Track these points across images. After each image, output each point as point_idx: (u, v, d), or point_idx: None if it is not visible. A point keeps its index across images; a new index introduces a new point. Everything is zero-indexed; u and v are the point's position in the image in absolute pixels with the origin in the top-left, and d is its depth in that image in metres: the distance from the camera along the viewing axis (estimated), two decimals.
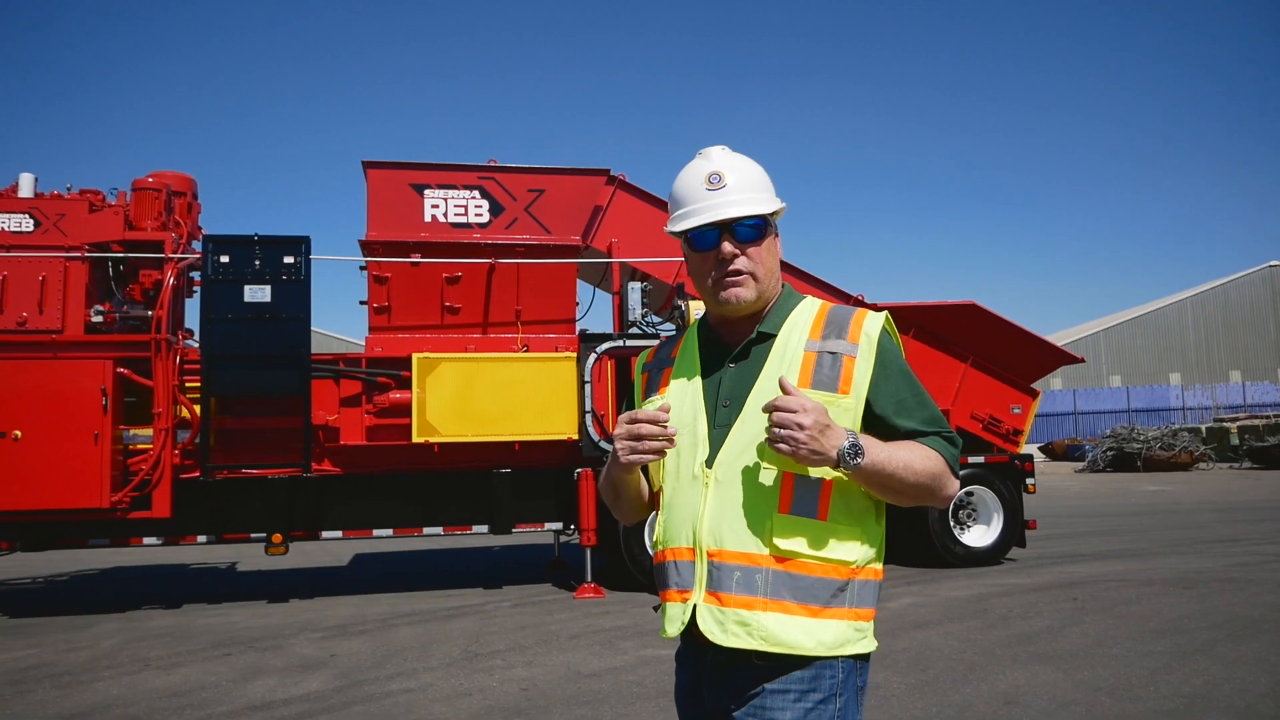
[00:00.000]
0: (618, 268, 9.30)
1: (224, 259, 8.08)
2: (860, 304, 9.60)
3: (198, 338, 8.54)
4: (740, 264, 1.78)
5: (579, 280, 9.31)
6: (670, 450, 1.80)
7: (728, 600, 1.68)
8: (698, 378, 1.85)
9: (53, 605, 8.79)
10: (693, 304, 8.44)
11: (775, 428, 1.60)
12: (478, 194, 8.84)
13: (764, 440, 1.67)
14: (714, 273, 1.79)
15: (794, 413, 1.59)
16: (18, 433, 7.67)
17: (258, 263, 8.12)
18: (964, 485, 9.61)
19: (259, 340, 8.04)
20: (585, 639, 6.63)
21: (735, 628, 1.66)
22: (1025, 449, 10.31)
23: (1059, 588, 8.08)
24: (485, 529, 8.73)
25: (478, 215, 8.82)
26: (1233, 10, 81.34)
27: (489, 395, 8.48)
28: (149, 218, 8.50)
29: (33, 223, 8.04)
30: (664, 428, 1.73)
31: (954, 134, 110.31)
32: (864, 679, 1.74)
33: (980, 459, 9.76)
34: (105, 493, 7.74)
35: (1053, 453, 32.34)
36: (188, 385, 8.19)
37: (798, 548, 1.67)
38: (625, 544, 8.43)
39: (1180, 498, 18.00)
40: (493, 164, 8.94)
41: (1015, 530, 9.65)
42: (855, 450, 1.62)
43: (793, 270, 9.66)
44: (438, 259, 8.66)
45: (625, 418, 1.76)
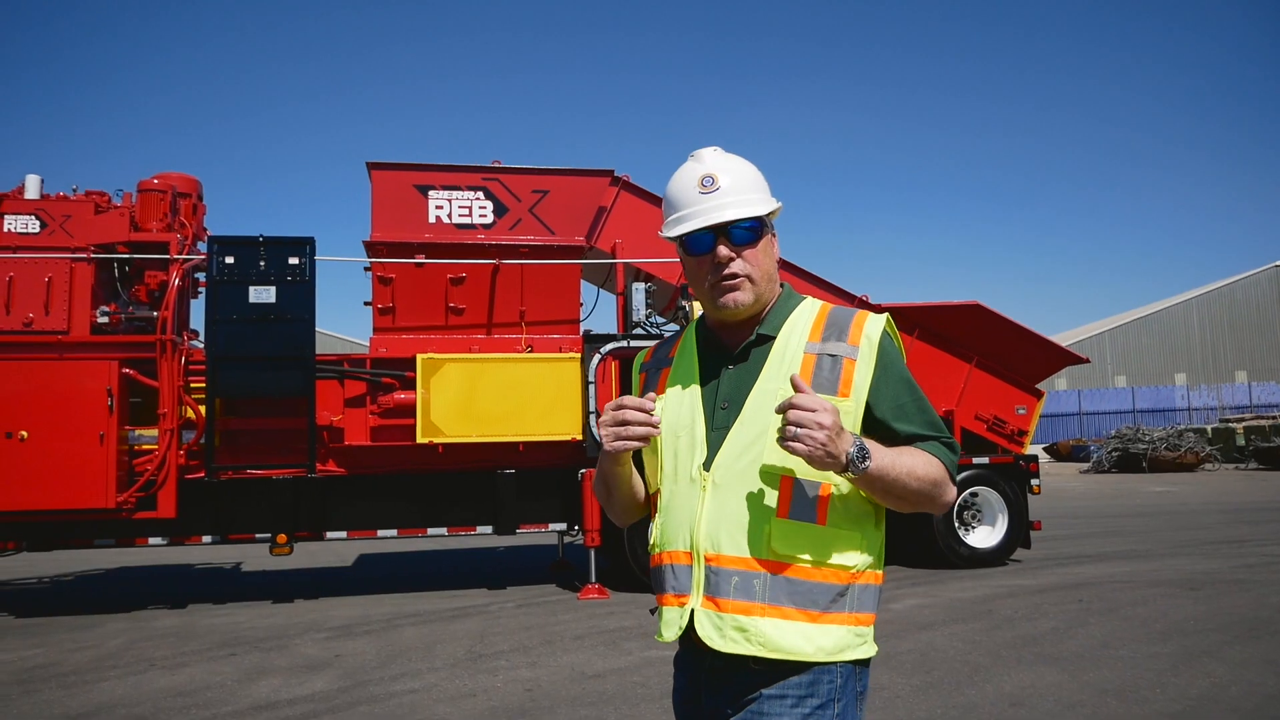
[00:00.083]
0: (622, 268, 9.31)
1: (229, 260, 8.11)
2: (865, 305, 9.59)
3: (203, 338, 8.56)
4: (736, 267, 1.75)
5: (583, 281, 9.32)
6: (668, 452, 1.78)
7: (725, 605, 1.65)
8: (696, 379, 1.82)
9: (58, 605, 8.82)
10: (697, 305, 8.43)
11: (792, 426, 1.54)
12: (482, 195, 8.85)
13: (761, 444, 1.65)
14: (710, 277, 1.77)
15: (814, 411, 1.54)
16: (24, 433, 7.69)
17: (263, 264, 8.14)
18: (969, 486, 9.59)
19: (264, 341, 8.06)
20: (589, 640, 6.64)
21: (733, 633, 1.64)
22: (1030, 450, 10.28)
23: (1064, 589, 8.06)
24: (489, 530, 8.74)
25: (482, 216, 8.83)
26: (1238, 10, 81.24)
27: (493, 396, 8.49)
28: (154, 219, 8.53)
29: (39, 224, 8.07)
30: (649, 415, 1.68)
31: (958, 134, 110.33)
32: (864, 684, 1.72)
33: (985, 460, 9.73)
34: (111, 493, 7.77)
35: (1057, 453, 32.26)
36: (193, 386, 8.23)
37: (796, 552, 1.65)
38: (629, 545, 8.43)
39: (1186, 499, 17.95)
40: (497, 165, 8.96)
41: (1020, 531, 9.62)
42: (862, 454, 1.58)
43: (797, 271, 9.64)
44: (442, 260, 8.67)
45: (611, 404, 1.72)
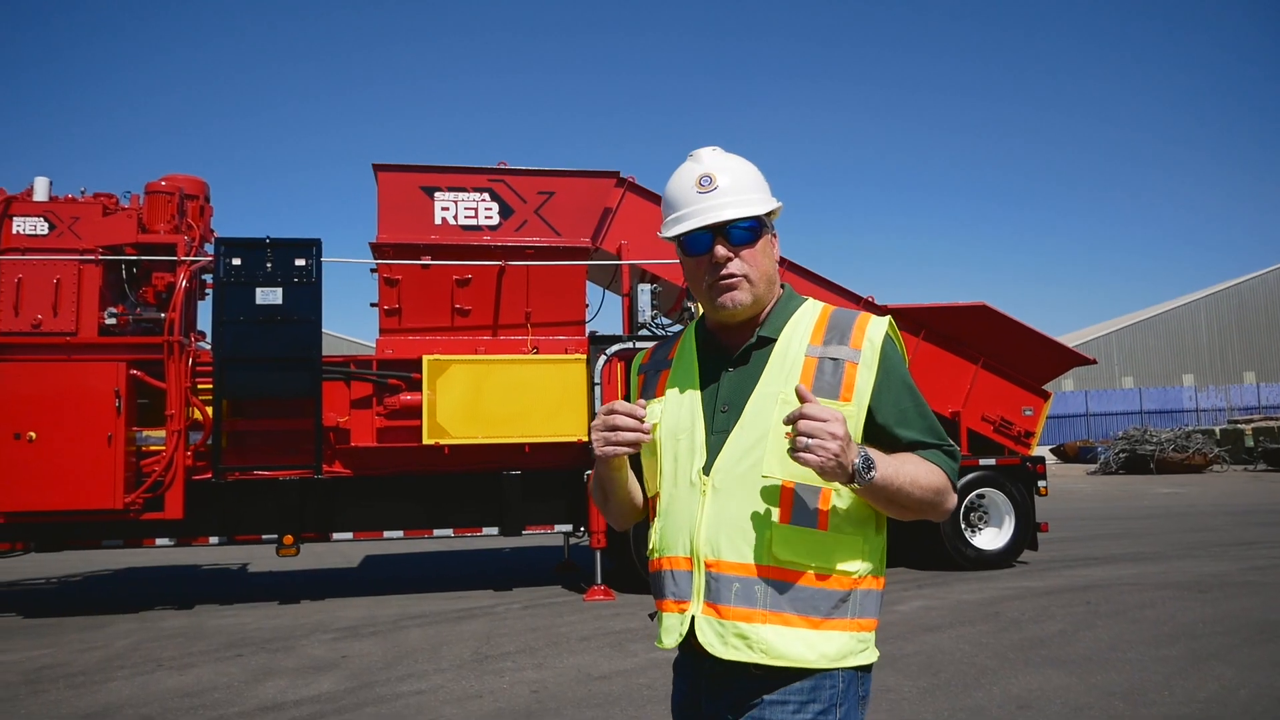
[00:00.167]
0: (627, 270, 9.31)
1: (236, 261, 8.13)
2: (870, 306, 9.57)
3: (210, 340, 8.58)
4: (734, 267, 1.72)
5: (589, 282, 9.31)
6: (667, 455, 1.76)
7: (726, 612, 1.64)
8: (695, 381, 1.80)
9: (67, 605, 8.85)
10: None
11: (803, 436, 1.52)
12: (487, 196, 8.86)
13: (761, 448, 1.64)
14: (708, 277, 1.74)
15: (825, 421, 1.52)
16: (32, 434, 7.72)
17: (269, 265, 8.16)
18: (975, 487, 9.57)
19: (271, 342, 8.08)
20: (595, 641, 6.63)
21: (735, 640, 1.63)
22: (1037, 451, 10.24)
23: (1071, 591, 8.04)
24: (495, 531, 8.75)
25: (488, 217, 8.84)
26: (1246, 11, 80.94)
27: (499, 397, 8.50)
28: (162, 221, 8.57)
29: (47, 226, 8.11)
30: (640, 421, 1.67)
31: (964, 135, 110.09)
32: (865, 689, 1.70)
33: (991, 461, 9.71)
34: (118, 494, 7.79)
35: (1064, 455, 32.18)
36: (200, 387, 8.25)
37: (798, 558, 1.63)
38: (635, 546, 8.42)
39: (1194, 500, 17.87)
40: (503, 166, 8.98)
41: (1027, 533, 9.60)
42: (868, 465, 1.56)
43: (801, 272, 9.64)
44: (448, 261, 8.68)
45: (603, 409, 1.70)
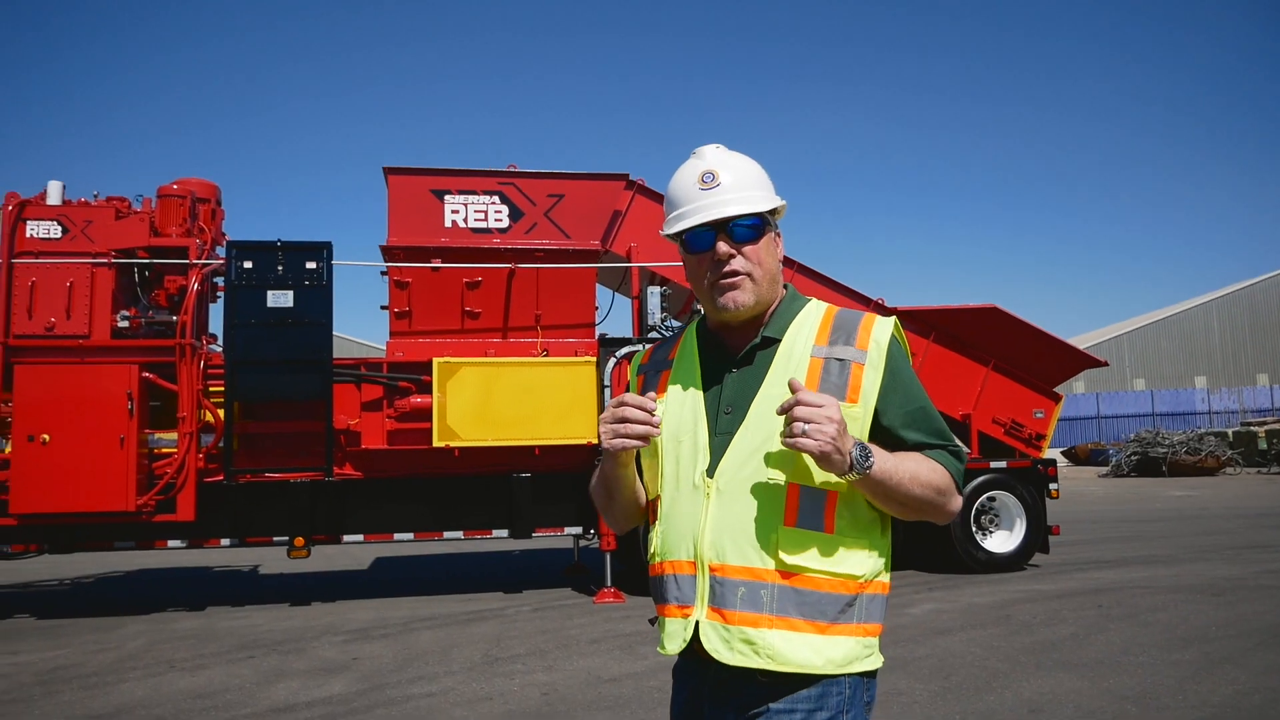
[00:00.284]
0: (637, 272, 9.31)
1: (247, 264, 8.18)
2: (881, 308, 9.55)
3: (221, 342, 8.63)
4: (737, 264, 1.70)
5: (598, 285, 9.33)
6: (668, 458, 1.74)
7: (732, 617, 1.61)
8: (698, 383, 1.76)
9: (79, 607, 8.89)
10: None
11: (800, 421, 1.50)
12: (497, 199, 8.88)
13: (766, 450, 1.61)
14: (710, 275, 1.72)
15: (820, 406, 1.51)
16: (46, 436, 7.77)
17: (280, 268, 8.20)
18: (986, 490, 9.53)
19: (282, 345, 8.12)
20: (605, 644, 6.63)
21: (741, 646, 1.60)
22: (1048, 453, 10.21)
23: (1083, 594, 8.00)
24: (505, 533, 8.76)
25: (497, 220, 8.86)
26: (1258, 13, 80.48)
27: (509, 400, 8.51)
28: (174, 224, 8.61)
29: (61, 229, 8.16)
30: (650, 415, 1.64)
31: (975, 137, 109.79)
32: (871, 694, 1.68)
33: (1002, 464, 9.67)
34: (131, 496, 7.84)
35: (1076, 457, 32.06)
36: (212, 390, 8.30)
37: (804, 562, 1.60)
38: (644, 548, 8.41)
39: (1207, 503, 17.76)
40: (512, 169, 9.00)
41: (1038, 536, 9.55)
42: (865, 454, 1.55)
43: (811, 274, 9.63)
44: (458, 264, 8.71)
45: (613, 401, 1.68)
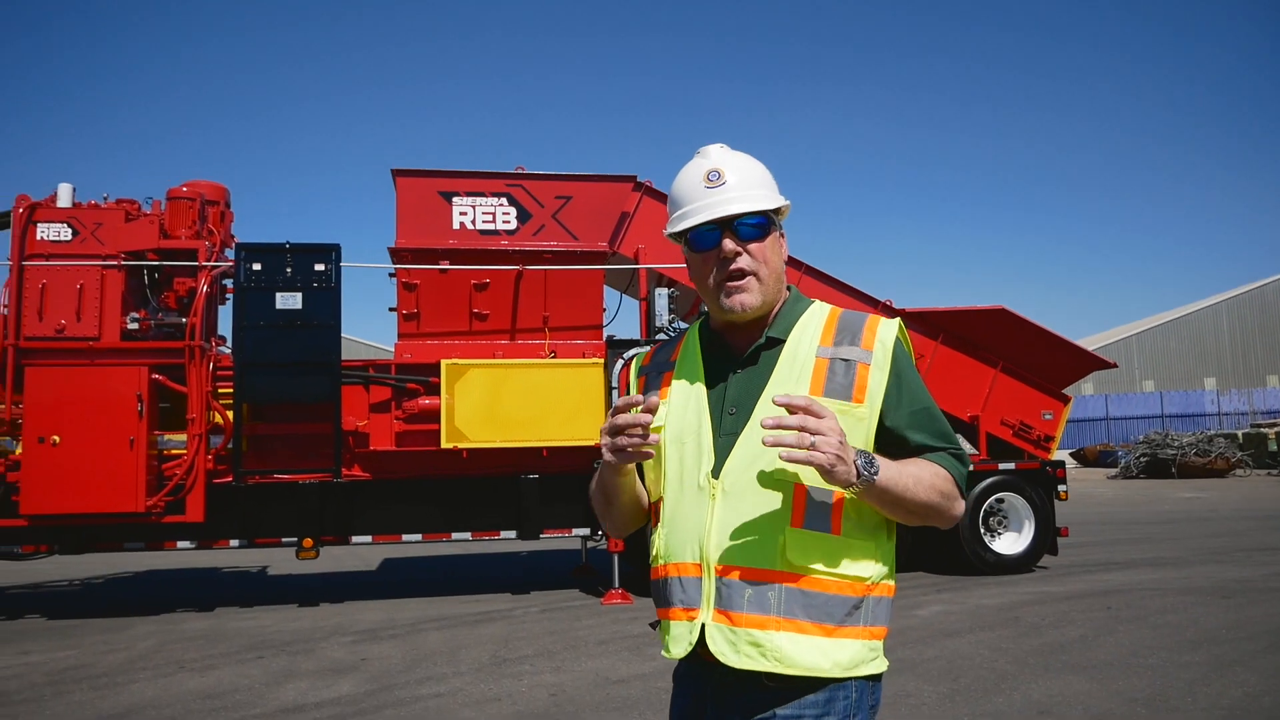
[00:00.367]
0: (644, 274, 9.32)
1: (256, 267, 8.20)
2: (889, 309, 9.55)
3: (230, 344, 8.66)
4: (743, 263, 1.69)
5: (606, 286, 9.33)
6: (672, 459, 1.72)
7: (739, 619, 1.59)
8: (701, 383, 1.75)
9: (90, 607, 8.94)
10: None
11: (805, 433, 1.46)
12: (505, 201, 8.90)
13: (772, 451, 1.55)
14: (716, 274, 1.71)
15: (823, 418, 1.48)
16: (56, 438, 7.82)
17: (289, 270, 8.23)
18: (995, 491, 9.51)
19: (290, 347, 8.15)
20: (613, 645, 6.64)
21: (748, 648, 1.58)
22: (1057, 455, 10.17)
23: (1092, 596, 7.97)
24: (513, 534, 8.77)
25: (505, 222, 8.87)
26: (1267, 12, 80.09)
27: (517, 401, 8.52)
28: (183, 226, 8.64)
29: (71, 232, 8.20)
30: (645, 432, 1.61)
31: (982, 138, 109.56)
32: (876, 698, 1.67)
33: (1011, 465, 9.65)
34: (140, 497, 7.87)
35: (1085, 459, 31.94)
36: (221, 391, 8.33)
37: (812, 563, 1.59)
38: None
39: (1216, 505, 17.68)
40: (520, 171, 9.01)
41: (1047, 537, 9.53)
42: (870, 463, 1.53)
43: (819, 275, 9.62)
44: (466, 266, 8.72)
45: (613, 410, 1.65)
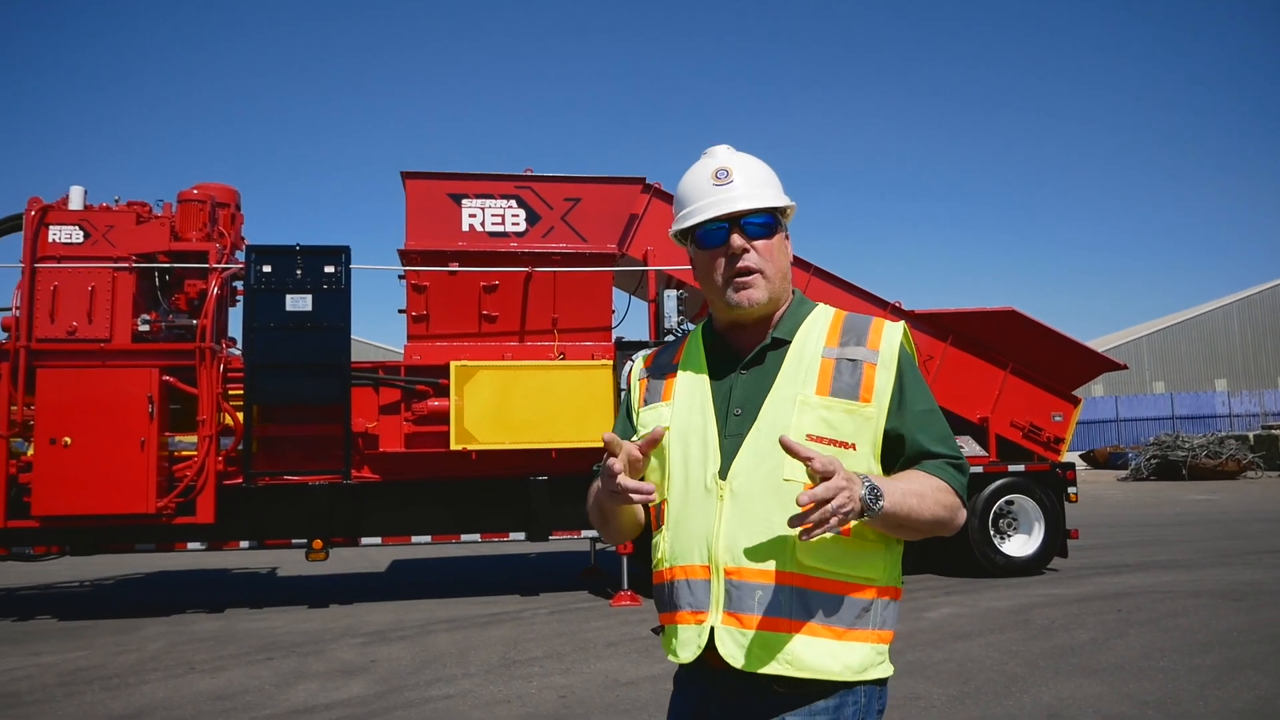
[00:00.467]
0: (653, 275, 9.33)
1: (266, 269, 8.25)
2: (898, 311, 9.55)
3: (241, 346, 8.70)
4: (750, 260, 1.69)
5: (615, 288, 9.35)
6: (676, 461, 1.70)
7: (749, 622, 1.57)
8: (706, 385, 1.74)
9: (100, 608, 8.97)
10: None
11: (823, 505, 1.42)
12: (514, 203, 8.91)
13: (780, 452, 1.52)
14: (723, 270, 1.71)
15: (830, 476, 1.43)
16: (67, 439, 7.86)
17: (299, 272, 8.26)
18: (1005, 494, 9.49)
19: (300, 349, 8.18)
20: (622, 647, 6.64)
21: (759, 651, 1.56)
22: (1067, 457, 10.14)
23: (1103, 599, 7.94)
24: (522, 536, 8.78)
25: (514, 224, 8.89)
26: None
27: (526, 403, 8.53)
28: (194, 229, 8.70)
29: (82, 234, 8.25)
30: (649, 494, 1.56)
31: (991, 139, 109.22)
32: (883, 702, 1.67)
33: (1021, 467, 9.62)
34: (151, 498, 7.91)
35: (1095, 461, 31.79)
36: (231, 393, 8.37)
37: (823, 564, 1.58)
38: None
39: (1227, 507, 17.58)
40: (529, 173, 9.03)
41: (1057, 540, 9.50)
42: (875, 495, 1.50)
43: (828, 277, 9.62)
44: (475, 268, 8.74)
45: (608, 447, 1.59)
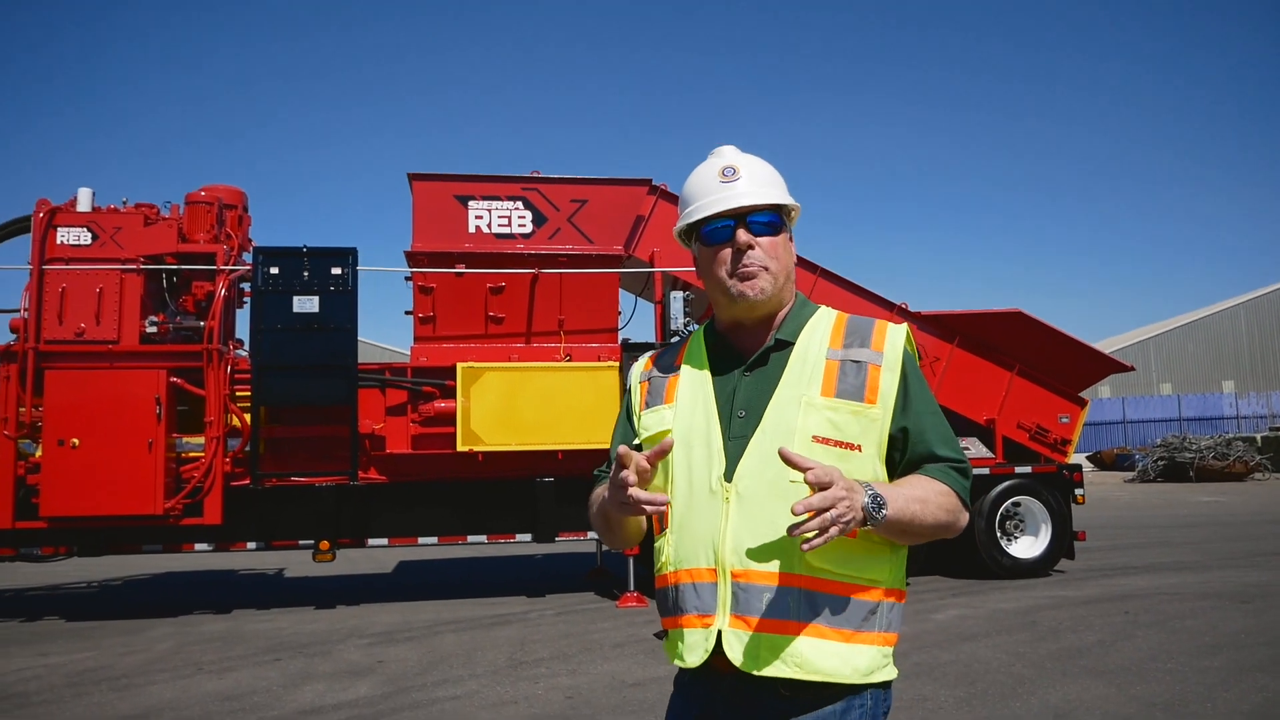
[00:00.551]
0: (660, 277, 9.33)
1: (273, 270, 8.27)
2: (904, 312, 9.54)
3: (248, 348, 8.72)
4: (756, 256, 1.69)
5: (621, 290, 9.35)
6: (680, 464, 1.70)
7: (757, 625, 1.56)
8: (709, 386, 1.73)
9: (107, 609, 9.01)
10: None
11: (825, 514, 1.42)
12: (521, 205, 8.93)
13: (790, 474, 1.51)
14: (728, 266, 1.71)
15: (831, 486, 1.44)
16: (75, 440, 7.89)
17: (306, 274, 8.29)
18: (1011, 495, 9.47)
19: (307, 350, 8.21)
20: (629, 648, 6.64)
21: (767, 654, 1.55)
22: (1073, 458, 10.12)
23: (1110, 600, 7.92)
24: (528, 537, 8.79)
25: (521, 226, 8.90)
26: None
27: (532, 404, 8.54)
28: (201, 230, 8.72)
29: (90, 236, 8.28)
30: (662, 504, 1.56)
31: (997, 141, 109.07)
32: (888, 705, 1.67)
33: (1027, 469, 9.60)
34: (159, 499, 7.93)
35: (1102, 462, 31.70)
36: (238, 394, 8.40)
37: (830, 566, 1.58)
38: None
39: (1235, 509, 17.52)
40: (536, 175, 9.04)
41: (1064, 541, 9.48)
42: (878, 503, 1.50)
43: (835, 278, 9.61)
44: (482, 269, 8.76)
45: (618, 461, 1.59)
